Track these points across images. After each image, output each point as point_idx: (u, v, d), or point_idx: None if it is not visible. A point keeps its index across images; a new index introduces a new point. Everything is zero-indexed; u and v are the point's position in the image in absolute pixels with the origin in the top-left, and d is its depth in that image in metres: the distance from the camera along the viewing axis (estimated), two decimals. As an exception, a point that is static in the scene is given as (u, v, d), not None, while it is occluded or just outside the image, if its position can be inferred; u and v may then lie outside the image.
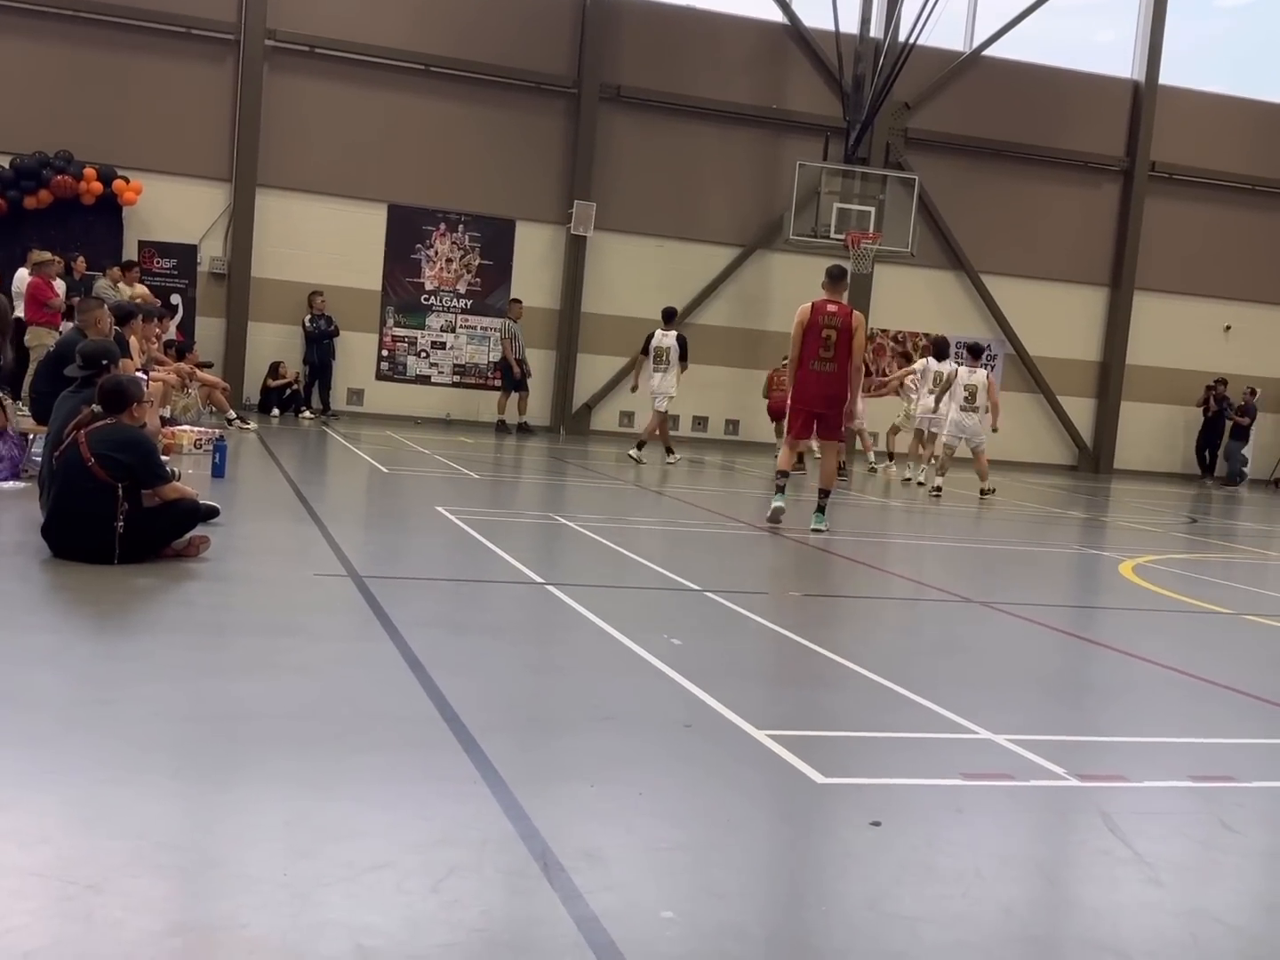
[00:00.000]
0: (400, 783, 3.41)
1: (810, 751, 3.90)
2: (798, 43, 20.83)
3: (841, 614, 6.96)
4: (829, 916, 2.84)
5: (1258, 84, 23.12)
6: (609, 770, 3.65)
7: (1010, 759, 4.02)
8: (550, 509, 10.72)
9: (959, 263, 21.79)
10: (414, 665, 4.60)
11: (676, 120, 20.46)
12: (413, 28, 19.32)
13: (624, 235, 20.41)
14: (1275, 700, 5.23)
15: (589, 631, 5.51)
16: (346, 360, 19.40)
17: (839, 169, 20.03)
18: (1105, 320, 22.68)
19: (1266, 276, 23.13)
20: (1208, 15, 23.70)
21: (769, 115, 20.77)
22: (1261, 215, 22.99)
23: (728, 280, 20.91)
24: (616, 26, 20.13)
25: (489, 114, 19.75)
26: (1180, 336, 22.76)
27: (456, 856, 2.91)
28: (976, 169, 21.68)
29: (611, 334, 20.45)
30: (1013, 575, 9.09)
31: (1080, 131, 22.04)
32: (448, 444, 15.85)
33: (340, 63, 19.13)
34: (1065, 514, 14.25)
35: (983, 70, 21.54)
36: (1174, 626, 7.15)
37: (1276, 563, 11.10)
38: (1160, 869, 3.20)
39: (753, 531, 9.72)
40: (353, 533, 8.27)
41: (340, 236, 19.28)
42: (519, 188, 19.99)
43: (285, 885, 2.71)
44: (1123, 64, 22.53)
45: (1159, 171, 22.39)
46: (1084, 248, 22.40)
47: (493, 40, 19.59)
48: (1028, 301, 22.04)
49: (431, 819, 3.15)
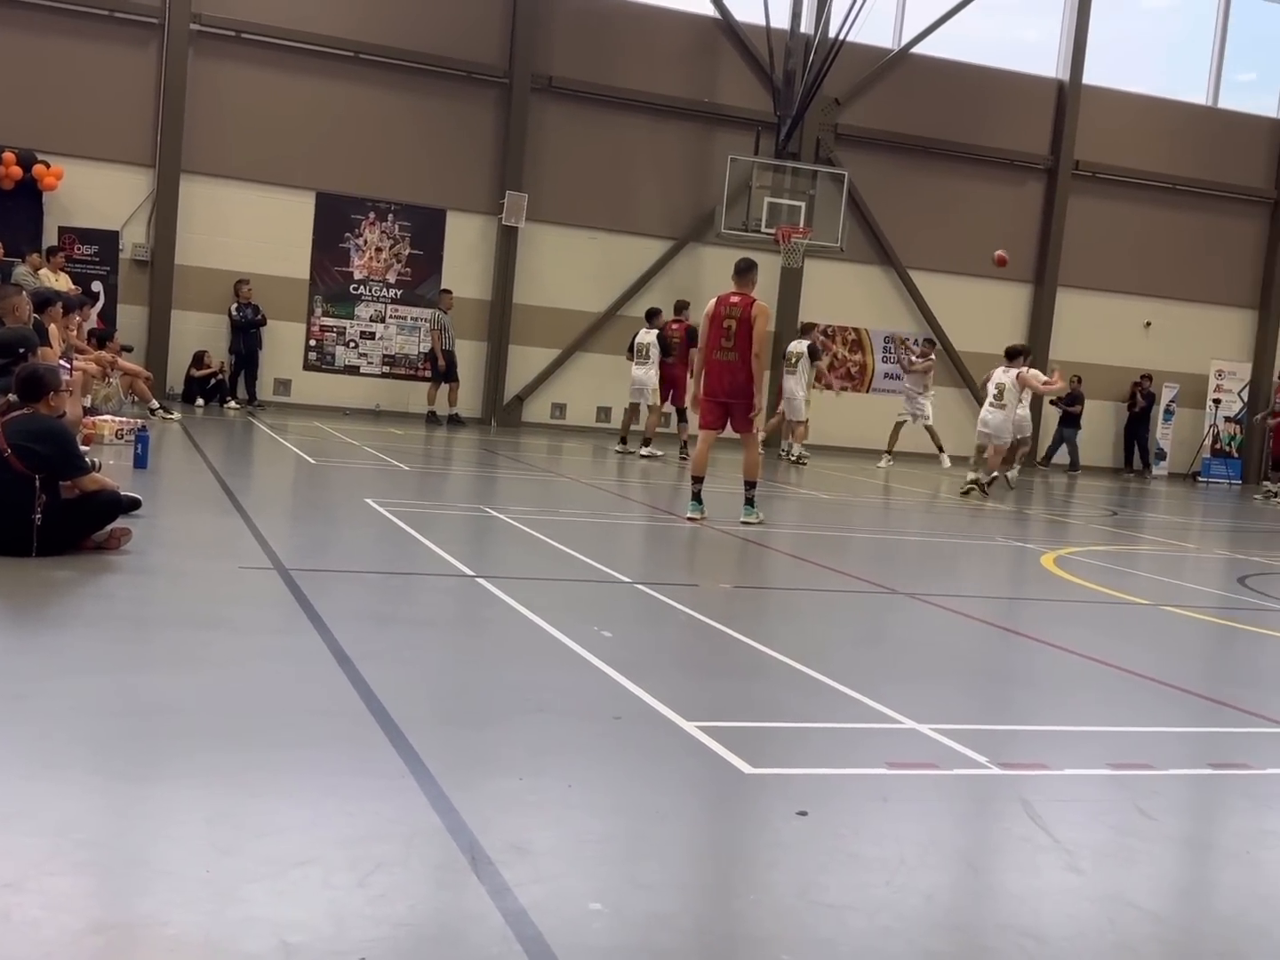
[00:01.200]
0: (326, 777, 3.38)
1: (739, 742, 3.93)
2: (729, 37, 20.91)
3: (771, 606, 7.01)
4: (757, 906, 2.87)
5: (1180, 84, 23.63)
6: (538, 763, 3.64)
7: (934, 748, 4.08)
8: (481, 501, 10.67)
9: (888, 258, 22.02)
10: (340, 658, 4.55)
11: (609, 112, 20.44)
12: (342, 14, 19.10)
13: (556, 226, 20.37)
14: (1191, 689, 5.36)
15: (519, 624, 5.49)
16: (273, 350, 19.15)
17: (770, 163, 20.16)
18: (1030, 316, 23.07)
19: (1185, 274, 23.67)
20: (1131, 16, 24.12)
21: (701, 109, 20.83)
22: (1181, 214, 23.51)
23: (660, 273, 20.94)
24: (548, 17, 20.06)
25: (419, 102, 19.59)
26: (1102, 332, 23.22)
27: (383, 851, 2.89)
28: (905, 165, 21.92)
29: (543, 325, 20.41)
30: (939, 567, 9.21)
31: (1006, 129, 22.38)
32: (377, 435, 15.71)
33: (267, 48, 18.85)
34: (991, 507, 14.47)
35: (911, 67, 21.77)
36: (1094, 617, 7.29)
37: (1194, 555, 11.37)
38: (1079, 855, 3.26)
39: (684, 524, 9.75)
40: (279, 525, 8.17)
41: (267, 224, 19.02)
42: (450, 177, 19.86)
43: (208, 882, 2.67)
44: (1048, 63, 22.90)
45: (1082, 170, 22.80)
46: (1009, 244, 22.64)
47: (423, 28, 19.43)
48: (954, 297, 22.35)
49: (357, 814, 3.12)
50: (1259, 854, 3.44)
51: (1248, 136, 23.87)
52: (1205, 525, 14.59)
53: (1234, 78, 24.07)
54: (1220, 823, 3.82)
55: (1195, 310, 23.81)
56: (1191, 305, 23.77)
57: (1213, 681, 5.78)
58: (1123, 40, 23.42)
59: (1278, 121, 24.15)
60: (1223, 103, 23.91)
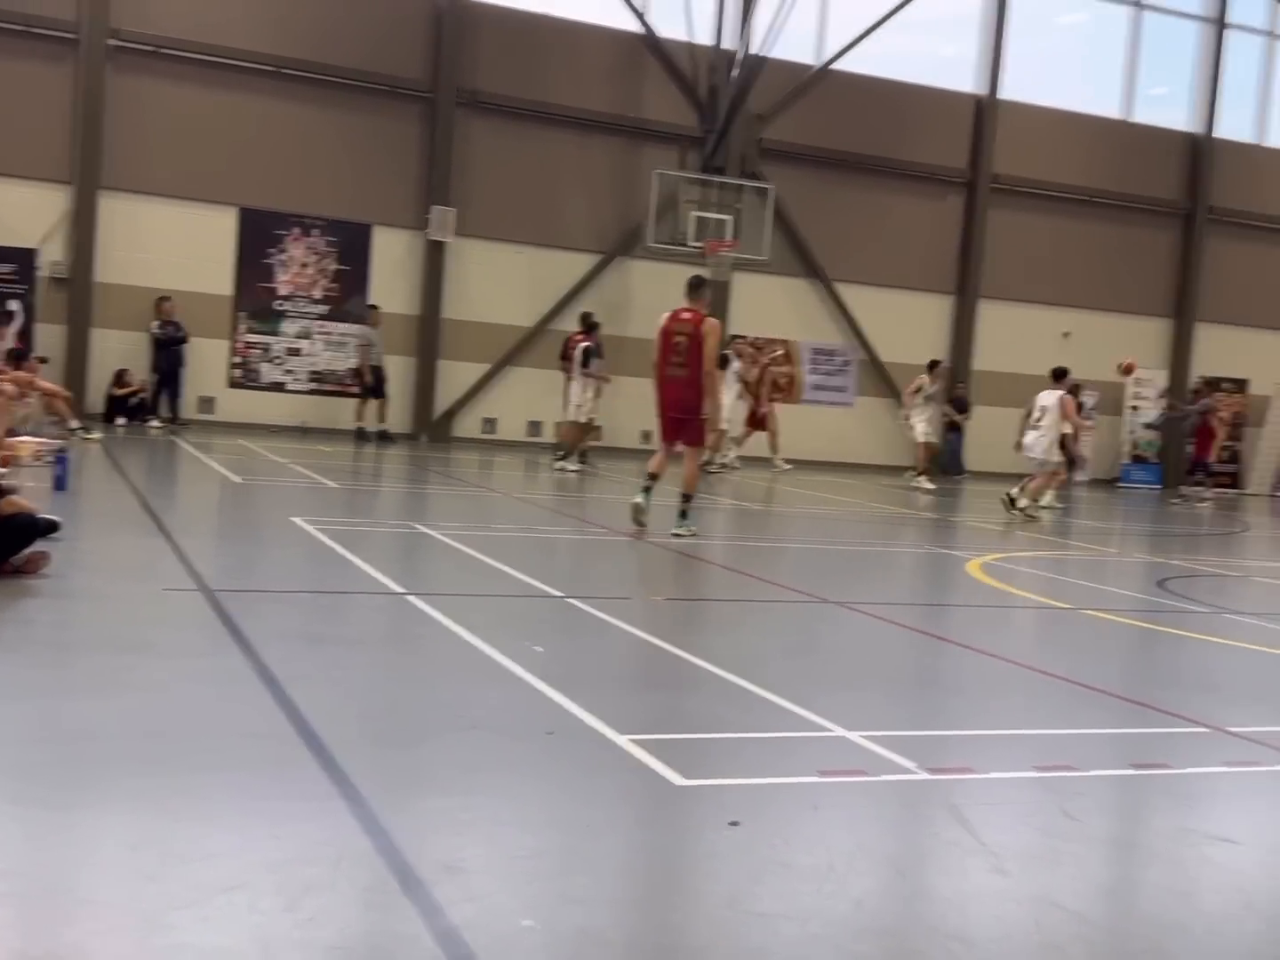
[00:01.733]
0: (253, 801, 3.34)
1: (671, 754, 3.94)
2: (654, 53, 21.03)
3: (703, 617, 7.04)
4: (690, 917, 2.88)
5: (1094, 99, 24.16)
6: (470, 780, 3.63)
7: (864, 755, 4.12)
8: (411, 517, 10.60)
9: (814, 271, 22.26)
10: (268, 680, 4.50)
11: (535, 127, 20.46)
12: (264, 29, 18.93)
13: (484, 241, 20.33)
14: (1112, 691, 5.47)
15: (450, 641, 5.47)
16: (197, 367, 18.88)
17: (696, 178, 20.29)
18: (952, 327, 23.43)
19: (1102, 284, 24.19)
20: (1046, 32, 24.65)
21: (627, 124, 20.92)
22: (1097, 226, 24.03)
23: (589, 287, 20.97)
24: (473, 32, 20.04)
25: (343, 117, 19.46)
26: (1022, 343, 23.62)
27: (312, 874, 2.86)
28: (829, 179, 22.18)
29: (473, 340, 20.35)
30: (867, 575, 9.32)
31: (926, 144, 22.74)
32: (305, 453, 15.55)
33: (187, 63, 18.63)
34: (918, 515, 14.66)
35: (833, 83, 22.04)
36: (1018, 622, 7.43)
37: (1113, 559, 11.60)
38: (1006, 858, 3.32)
39: (617, 537, 9.77)
40: (204, 546, 8.05)
41: (189, 240, 18.77)
42: (375, 192, 19.74)
43: (133, 910, 2.63)
44: (966, 79, 23.31)
45: (1000, 184, 23.22)
46: (931, 257, 23.11)
47: (346, 43, 19.32)
48: (879, 309, 22.64)
49: (285, 837, 3.09)
50: (1180, 852, 3.52)
51: (1160, 149, 24.48)
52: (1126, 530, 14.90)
53: (1146, 92, 24.68)
54: (1142, 822, 3.90)
55: (1112, 320, 24.33)
56: (1108, 315, 24.29)
57: (1133, 683, 5.91)
58: (1038, 56, 23.94)
59: (1189, 134, 24.79)
60: (1136, 116, 24.49)
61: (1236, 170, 24.80)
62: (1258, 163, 25.19)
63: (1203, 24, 24.76)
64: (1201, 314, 24.91)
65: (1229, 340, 25.11)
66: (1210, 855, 3.50)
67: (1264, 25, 25.28)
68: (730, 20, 20.72)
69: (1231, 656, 6.75)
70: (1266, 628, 7.66)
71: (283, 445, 16.42)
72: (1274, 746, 4.64)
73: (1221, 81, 24.60)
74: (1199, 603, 8.70)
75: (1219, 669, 6.53)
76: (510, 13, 20.38)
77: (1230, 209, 24.81)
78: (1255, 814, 3.96)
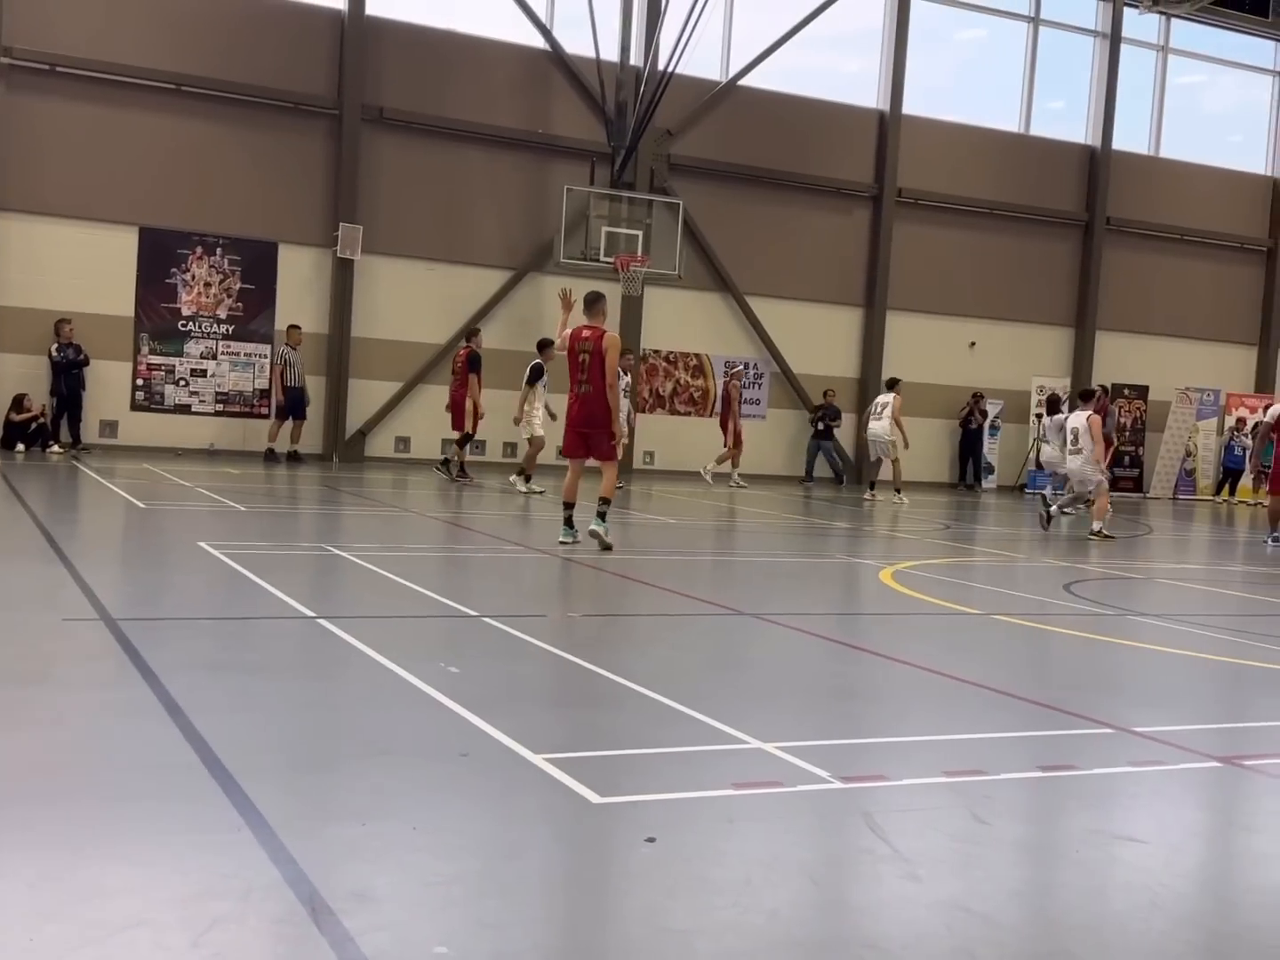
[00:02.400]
0: (157, 835, 3.25)
1: (587, 772, 3.93)
2: (561, 69, 21.07)
3: (619, 633, 7.03)
4: (606, 936, 2.86)
5: (993, 113, 24.72)
6: (382, 806, 3.58)
7: (779, 766, 4.14)
8: (323, 539, 10.45)
9: (725, 285, 22.43)
10: (172, 710, 4.40)
11: (443, 143, 20.38)
12: (163, 46, 18.62)
13: (393, 258, 20.18)
14: (1020, 694, 5.57)
15: (362, 664, 5.39)
16: (98, 390, 18.47)
17: (606, 193, 20.35)
18: (862, 339, 23.75)
19: (1006, 295, 24.72)
20: (946, 47, 25.17)
21: (535, 140, 20.92)
22: (1000, 237, 24.56)
23: (501, 303, 20.92)
24: (377, 48, 19.92)
25: (246, 135, 19.21)
26: (931, 353, 24.05)
27: (219, 908, 2.80)
28: (738, 194, 22.39)
29: (384, 358, 20.18)
30: (782, 586, 9.38)
31: (832, 158, 23.06)
32: (212, 476, 15.27)
33: (84, 82, 18.26)
34: (832, 525, 14.82)
35: (740, 99, 22.27)
36: (929, 629, 7.52)
37: (1021, 564, 11.82)
38: (918, 864, 3.35)
39: (532, 554, 9.73)
40: (106, 574, 7.86)
41: (88, 261, 18.38)
42: (280, 210, 19.50)
43: (31, 951, 2.55)
44: (869, 94, 23.70)
45: (905, 197, 23.63)
46: (840, 270, 23.42)
47: (249, 60, 19.08)
48: (790, 321, 22.88)
49: (191, 871, 3.01)
50: (1086, 853, 3.58)
51: (1059, 162, 25.11)
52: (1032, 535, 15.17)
53: (1044, 106, 25.32)
54: (1050, 824, 3.96)
55: (1017, 329, 24.88)
56: (1013, 325, 24.83)
57: (1041, 686, 6.01)
58: (939, 71, 24.43)
59: (1086, 147, 25.44)
60: (1034, 130, 25.10)
61: (1132, 181, 25.53)
62: (1152, 174, 25.95)
63: (1098, 39, 25.47)
64: (1102, 322, 25.56)
65: (1129, 347, 25.82)
66: (1117, 855, 3.57)
67: (1156, 40, 26.08)
68: (636, 37, 20.84)
69: (1135, 657, 6.92)
70: (1168, 628, 7.86)
71: (189, 468, 16.10)
72: (1177, 745, 4.76)
73: (1116, 95, 25.31)
74: (1104, 605, 8.90)
75: (1123, 670, 6.69)
76: (416, 29, 20.30)
77: (1127, 219, 25.52)
78: (1160, 813, 4.05)
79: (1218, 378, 26.36)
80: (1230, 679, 6.59)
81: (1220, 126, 27.93)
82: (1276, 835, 3.92)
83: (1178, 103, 26.66)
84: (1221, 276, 26.68)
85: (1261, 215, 27.09)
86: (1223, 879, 3.61)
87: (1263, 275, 27.20)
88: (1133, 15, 25.24)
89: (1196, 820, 4.10)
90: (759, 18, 22.34)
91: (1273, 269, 27.10)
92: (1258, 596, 10.28)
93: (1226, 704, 6.09)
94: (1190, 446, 25.68)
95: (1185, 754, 4.65)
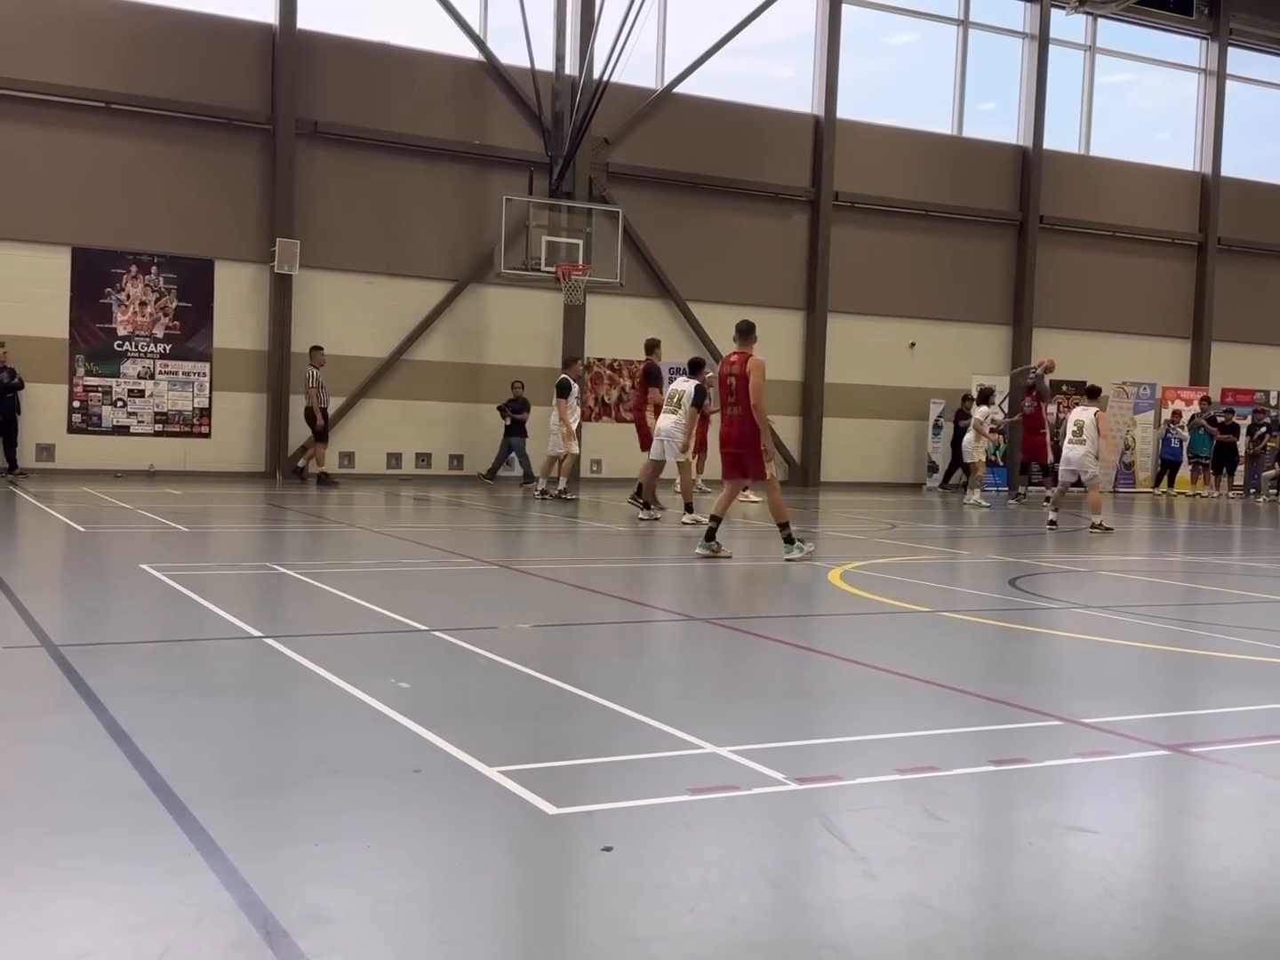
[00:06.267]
0: (106, 863, 3.19)
1: (542, 783, 3.90)
2: (496, 79, 21.05)
3: (572, 642, 7.01)
4: (565, 947, 2.85)
5: (926, 116, 24.99)
6: (335, 826, 3.53)
7: (734, 770, 4.14)
8: (268, 558, 10.33)
9: (666, 291, 22.48)
10: (118, 736, 4.32)
11: (379, 155, 20.27)
12: (91, 65, 18.38)
13: (332, 272, 20.04)
14: (970, 690, 5.62)
15: (312, 683, 5.33)
16: (33, 414, 18.17)
17: (545, 203, 20.33)
18: (804, 342, 23.90)
19: (944, 295, 24.98)
20: (878, 51, 25.43)
21: (473, 150, 20.87)
22: (936, 238, 24.82)
23: (443, 315, 20.83)
24: (309, 62, 19.77)
25: (178, 152, 19.00)
26: (872, 354, 24.24)
27: (171, 935, 2.75)
28: (676, 201, 22.46)
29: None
30: (733, 590, 9.40)
31: (769, 164, 23.20)
32: (153, 497, 15.05)
33: (11, 101, 18.00)
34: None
35: (676, 107, 22.36)
36: (878, 628, 7.57)
37: (967, 561, 11.94)
38: (874, 862, 3.36)
39: (481, 567, 9.67)
40: (46, 599, 7.72)
41: (19, 283, 18.09)
42: (215, 227, 19.30)
43: (-25, 991, 2.49)
44: (803, 100, 23.87)
45: (842, 200, 23.82)
46: (780, 274, 23.56)
47: (179, 77, 18.87)
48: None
49: (141, 898, 2.96)
50: (1040, 845, 3.61)
51: (991, 162, 25.43)
52: (976, 532, 15.33)
53: (976, 107, 25.64)
54: (1003, 817, 4.00)
55: (955, 329, 25.14)
56: (951, 324, 25.10)
57: (990, 681, 6.07)
58: (871, 75, 24.66)
59: (1018, 147, 25.79)
60: (967, 131, 25.41)
61: (1064, 180, 25.92)
62: (1084, 172, 26.36)
63: (1026, 40, 25.84)
64: (1039, 320, 25.90)
65: (1065, 344, 26.15)
66: (1070, 846, 3.60)
67: (1084, 40, 26.50)
68: (571, 46, 20.85)
69: (1080, 649, 7.00)
70: (1113, 619, 7.96)
71: (129, 490, 15.87)
72: (1125, 735, 4.82)
73: (1046, 95, 25.68)
74: (1048, 599, 9.01)
75: (1070, 663, 6.77)
76: (350, 42, 20.18)
77: (1060, 217, 25.90)
78: (1110, 803, 4.09)
79: (1153, 371, 26.80)
80: (1175, 668, 6.69)
81: (1148, 124, 28.45)
82: (1225, 821, 3.98)
83: (1106, 102, 27.12)
84: (1154, 272, 27.14)
85: (1191, 211, 27.60)
86: (1174, 866, 3.66)
87: (1194, 270, 27.70)
88: (1060, 16, 25.64)
89: (1147, 809, 4.15)
90: (693, 26, 22.45)
91: (1203, 263, 27.62)
92: (1200, 586, 10.46)
93: (1172, 693, 6.18)
94: (1129, 440, 26.08)
95: (1133, 743, 4.71)
